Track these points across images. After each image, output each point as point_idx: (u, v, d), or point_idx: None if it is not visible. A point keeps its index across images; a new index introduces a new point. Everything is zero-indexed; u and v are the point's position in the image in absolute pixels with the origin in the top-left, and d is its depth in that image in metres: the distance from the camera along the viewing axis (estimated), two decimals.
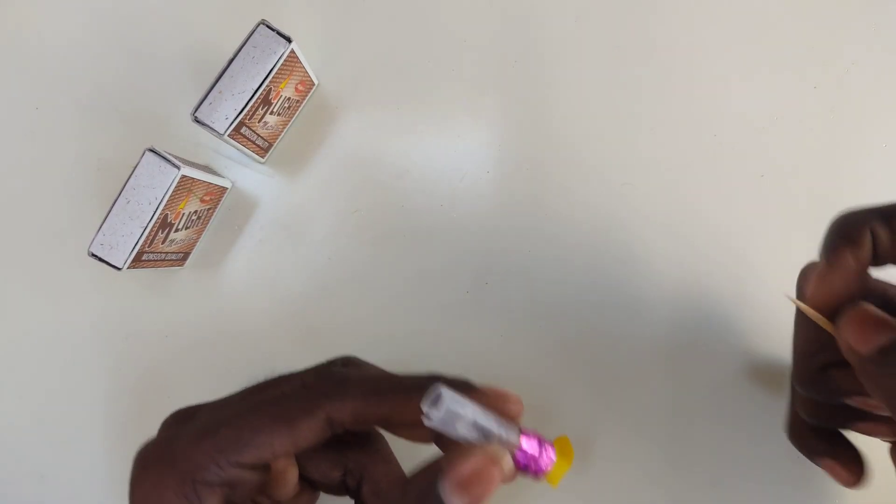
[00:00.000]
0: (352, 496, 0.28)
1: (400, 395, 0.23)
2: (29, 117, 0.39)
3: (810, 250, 0.37)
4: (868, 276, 0.27)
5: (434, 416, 0.21)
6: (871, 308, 0.25)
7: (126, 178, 0.31)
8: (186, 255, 0.37)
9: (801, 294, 0.29)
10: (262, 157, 0.37)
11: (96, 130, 0.38)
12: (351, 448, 0.26)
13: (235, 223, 0.38)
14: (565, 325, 0.37)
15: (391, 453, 0.27)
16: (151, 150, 0.31)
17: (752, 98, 0.38)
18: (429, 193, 0.38)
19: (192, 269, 0.38)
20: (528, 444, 0.24)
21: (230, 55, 0.32)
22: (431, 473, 0.21)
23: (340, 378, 0.24)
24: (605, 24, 0.39)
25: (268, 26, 0.32)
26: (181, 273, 0.37)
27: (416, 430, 0.24)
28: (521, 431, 0.24)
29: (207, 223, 0.38)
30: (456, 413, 0.22)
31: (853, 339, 0.25)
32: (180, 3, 0.39)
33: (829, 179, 0.38)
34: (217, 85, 0.32)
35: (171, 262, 0.36)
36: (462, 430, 0.22)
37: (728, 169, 0.38)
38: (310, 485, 0.28)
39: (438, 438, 0.24)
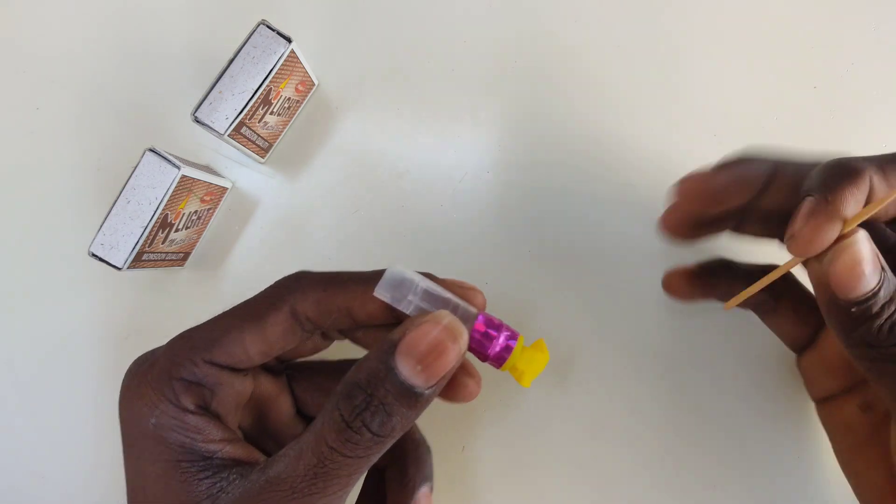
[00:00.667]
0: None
1: (359, 284, 0.24)
2: (29, 117, 0.39)
3: None
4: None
5: (382, 284, 0.21)
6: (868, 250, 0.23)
7: (126, 178, 0.31)
8: (187, 255, 0.37)
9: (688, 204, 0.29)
10: (263, 157, 0.37)
11: (97, 130, 0.38)
12: None
13: (236, 223, 0.38)
14: (566, 325, 0.37)
15: None
16: (152, 150, 0.31)
17: (752, 98, 0.38)
18: (429, 193, 0.38)
19: (193, 269, 0.38)
20: (486, 323, 0.22)
21: (230, 55, 0.32)
22: (383, 348, 0.20)
23: (302, 274, 0.25)
24: (605, 24, 0.39)
25: (268, 26, 0.32)
26: (181, 273, 0.37)
27: (379, 330, 0.25)
28: (480, 313, 0.23)
29: (208, 223, 0.38)
30: (405, 279, 0.21)
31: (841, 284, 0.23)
32: (180, 3, 0.39)
33: None
34: (217, 85, 0.32)
35: (171, 262, 0.36)
36: (415, 303, 0.21)
37: None
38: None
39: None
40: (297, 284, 0.24)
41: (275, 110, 0.35)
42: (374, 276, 0.23)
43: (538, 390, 0.36)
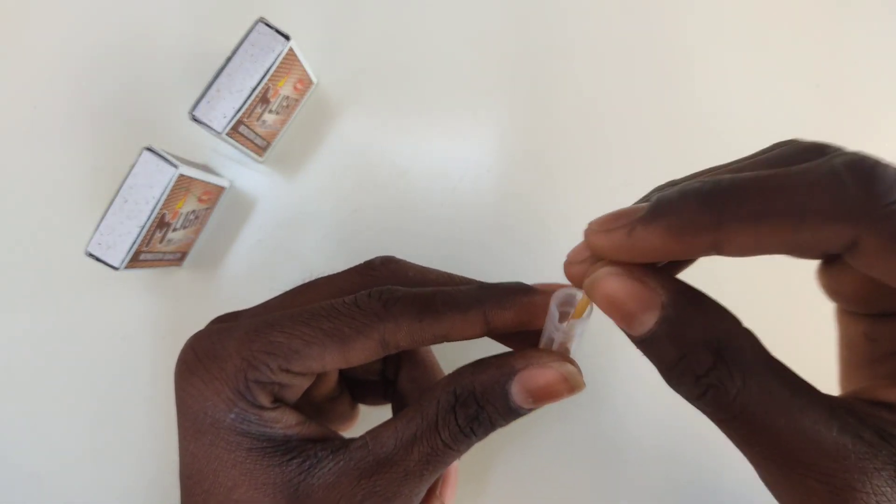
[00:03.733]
0: (389, 390, 0.29)
1: (457, 314, 0.23)
2: (26, 116, 0.38)
3: None
4: None
5: (561, 297, 0.22)
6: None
7: (123, 177, 0.31)
8: (184, 254, 0.37)
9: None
10: (261, 156, 0.37)
11: (94, 129, 0.38)
12: None
13: (233, 222, 0.38)
14: None
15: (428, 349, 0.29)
16: (149, 149, 0.31)
17: (754, 96, 0.38)
18: (429, 193, 0.38)
19: (190, 269, 0.37)
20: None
21: (228, 53, 0.32)
22: (504, 371, 0.22)
23: (391, 295, 0.23)
24: (606, 23, 0.39)
25: (266, 24, 0.32)
26: (178, 273, 0.37)
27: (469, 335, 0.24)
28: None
29: (205, 222, 0.37)
30: (572, 295, 0.22)
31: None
32: (179, 1, 0.39)
33: None
34: (215, 83, 0.32)
35: (168, 262, 0.36)
36: (561, 332, 0.22)
37: None
38: (349, 390, 0.29)
39: (504, 336, 0.25)
40: (389, 314, 0.23)
41: (273, 109, 0.35)
42: (474, 301, 0.23)
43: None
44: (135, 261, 0.32)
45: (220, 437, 0.23)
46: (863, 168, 0.17)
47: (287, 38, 0.32)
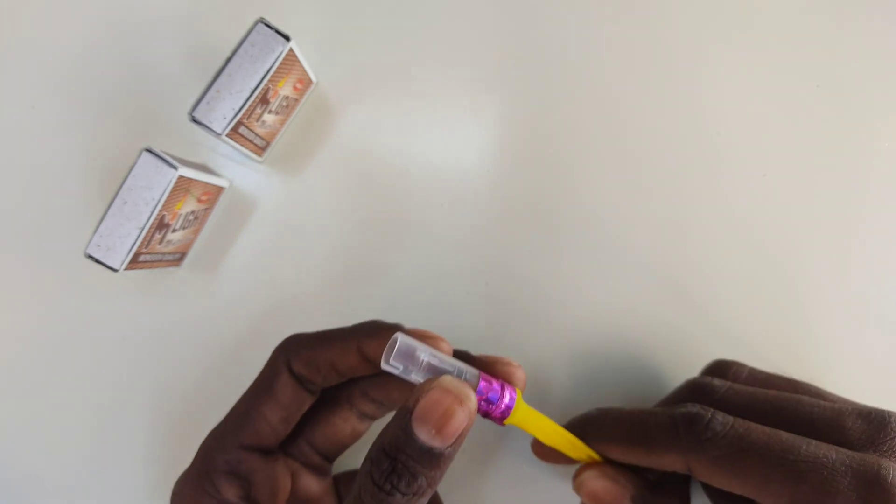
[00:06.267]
0: None
1: (340, 340, 0.26)
2: (24, 117, 0.38)
3: (812, 250, 0.37)
4: None
5: (394, 356, 0.22)
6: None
7: (122, 179, 0.31)
8: (183, 255, 0.37)
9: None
10: (260, 156, 0.37)
11: (92, 130, 0.38)
12: None
13: (233, 223, 0.38)
14: (566, 324, 0.37)
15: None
16: (148, 151, 0.31)
17: (755, 96, 0.38)
18: (429, 193, 0.37)
19: (189, 270, 0.37)
20: (487, 386, 0.24)
21: (228, 54, 0.32)
22: (403, 416, 0.22)
23: (294, 336, 0.28)
24: (606, 23, 0.39)
25: (266, 24, 0.32)
26: (178, 273, 0.37)
27: (390, 394, 0.28)
28: (481, 375, 0.24)
29: (204, 223, 0.37)
30: (412, 350, 0.23)
31: None
32: (178, 1, 0.39)
33: (833, 179, 0.38)
34: (215, 84, 0.31)
35: (167, 263, 0.35)
36: (423, 371, 0.23)
37: (730, 168, 0.38)
38: None
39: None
40: (290, 346, 0.27)
41: (273, 109, 0.35)
42: (354, 331, 0.26)
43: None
44: (134, 262, 0.32)
45: None
46: (691, 418, 0.25)
47: (287, 38, 0.32)
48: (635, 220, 0.37)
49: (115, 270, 0.31)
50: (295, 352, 0.27)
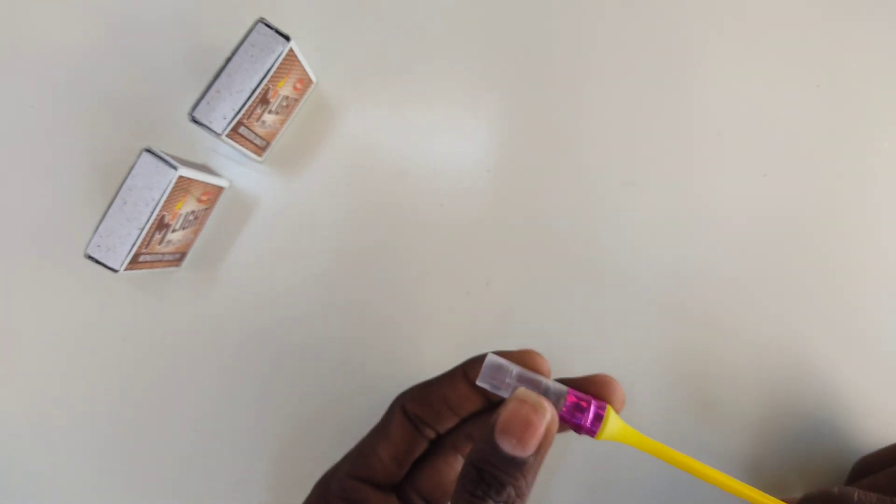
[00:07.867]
0: None
1: (448, 377, 0.28)
2: (25, 117, 0.38)
3: (813, 250, 0.37)
4: None
5: (483, 373, 0.24)
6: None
7: (122, 179, 0.31)
8: (183, 255, 0.37)
9: None
10: (260, 156, 0.37)
11: (92, 130, 0.38)
12: None
13: (233, 223, 0.37)
14: (566, 324, 0.37)
15: None
16: (148, 151, 0.31)
17: (756, 97, 0.38)
18: (429, 193, 0.37)
19: (189, 270, 0.37)
20: (575, 401, 0.25)
21: (228, 54, 0.32)
22: (486, 430, 0.24)
23: (410, 388, 0.29)
24: (607, 23, 0.39)
25: (266, 25, 0.32)
26: (178, 274, 0.37)
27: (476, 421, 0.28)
28: (571, 391, 0.25)
29: (204, 223, 0.37)
30: (499, 365, 0.24)
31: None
32: (178, 1, 0.39)
33: (833, 179, 0.38)
34: (215, 84, 0.31)
35: (167, 263, 0.35)
36: (512, 386, 0.24)
37: (731, 168, 0.38)
38: None
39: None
40: (406, 391, 0.29)
41: (273, 109, 0.35)
42: (462, 364, 0.27)
43: None
44: (134, 263, 0.32)
45: None
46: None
47: (287, 38, 0.32)
48: (635, 219, 0.37)
49: (115, 271, 0.31)
50: (409, 394, 0.28)
